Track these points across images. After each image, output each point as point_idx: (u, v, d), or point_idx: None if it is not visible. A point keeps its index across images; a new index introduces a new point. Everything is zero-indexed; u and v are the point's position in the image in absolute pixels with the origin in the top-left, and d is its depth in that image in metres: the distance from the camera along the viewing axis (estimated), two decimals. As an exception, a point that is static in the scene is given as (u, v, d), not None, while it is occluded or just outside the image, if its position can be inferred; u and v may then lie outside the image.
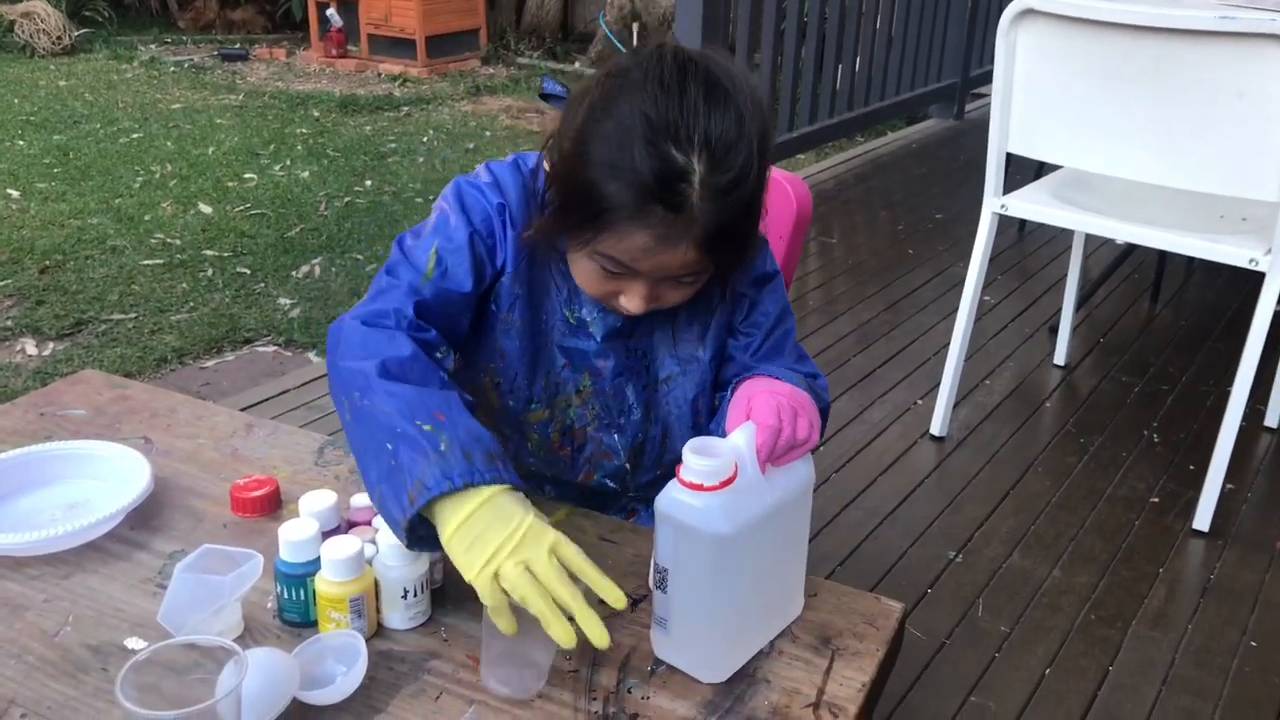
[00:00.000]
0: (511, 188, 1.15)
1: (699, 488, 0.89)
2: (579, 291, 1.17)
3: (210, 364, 3.29)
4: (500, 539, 0.90)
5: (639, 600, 1.05)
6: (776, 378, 1.07)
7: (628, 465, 1.26)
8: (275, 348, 3.40)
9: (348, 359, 1.02)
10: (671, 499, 0.90)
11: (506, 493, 0.93)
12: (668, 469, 1.19)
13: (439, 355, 1.09)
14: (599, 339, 1.20)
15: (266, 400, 2.70)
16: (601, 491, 1.28)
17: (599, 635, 0.87)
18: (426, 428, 0.94)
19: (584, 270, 1.10)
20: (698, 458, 0.89)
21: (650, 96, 0.99)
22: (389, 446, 0.94)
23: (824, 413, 1.11)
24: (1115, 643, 1.95)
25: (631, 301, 1.08)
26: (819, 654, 1.00)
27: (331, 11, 7.59)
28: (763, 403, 0.98)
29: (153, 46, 7.97)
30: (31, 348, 3.35)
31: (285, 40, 8.33)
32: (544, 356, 1.20)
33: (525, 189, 1.15)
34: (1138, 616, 2.02)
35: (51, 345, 3.36)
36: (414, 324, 1.07)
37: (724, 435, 0.98)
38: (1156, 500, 2.40)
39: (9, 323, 3.47)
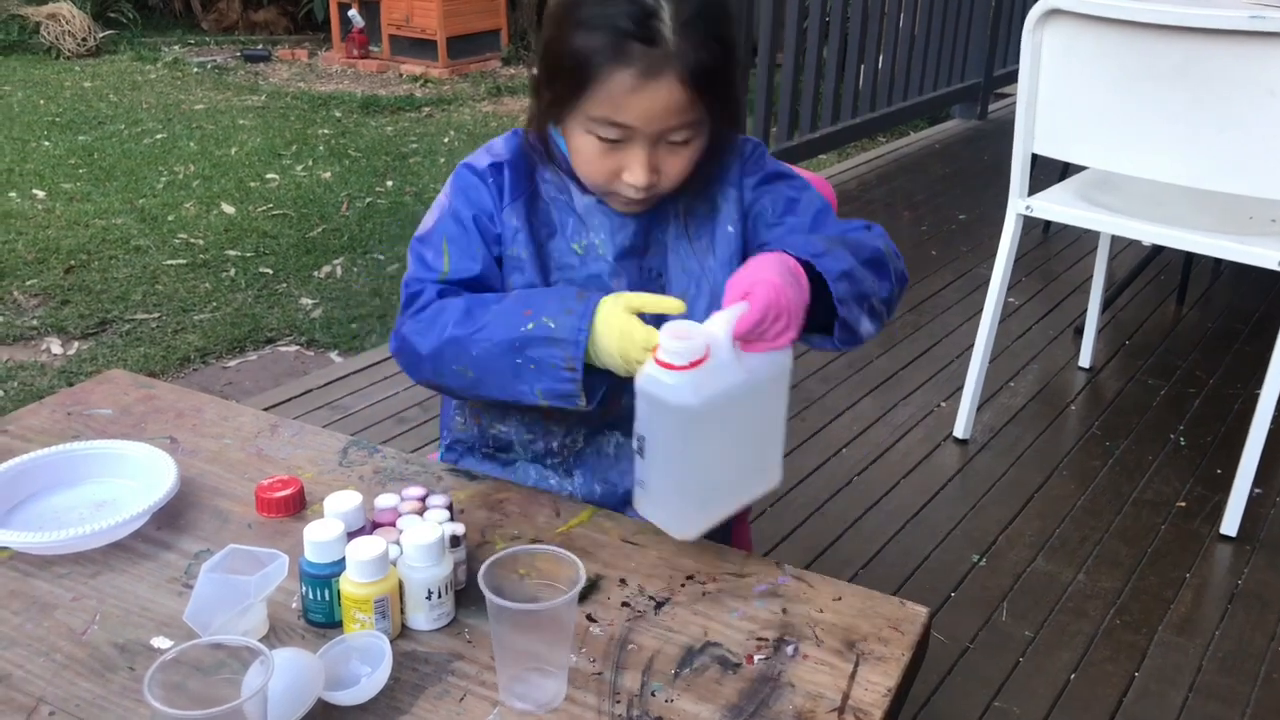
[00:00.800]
0: (504, 146, 1.24)
1: (670, 366, 0.99)
2: (584, 222, 1.22)
3: (233, 364, 3.31)
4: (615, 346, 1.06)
5: (662, 603, 1.05)
6: (792, 251, 1.10)
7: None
8: (297, 347, 3.42)
9: (433, 342, 1.14)
10: (647, 376, 1.01)
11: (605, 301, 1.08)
12: None
13: None
14: (611, 258, 1.22)
15: (289, 400, 2.71)
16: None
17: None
18: (530, 326, 1.09)
19: (584, 151, 1.15)
20: (672, 340, 0.98)
21: None
22: (518, 362, 1.09)
23: (877, 263, 1.18)
24: (1141, 648, 1.93)
25: (634, 173, 1.13)
26: (844, 658, 0.99)
27: (353, 13, 7.62)
28: (760, 293, 1.03)
29: (176, 47, 8.03)
30: (57, 347, 3.37)
31: (307, 41, 8.37)
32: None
33: (520, 138, 1.24)
34: (1164, 622, 2.00)
35: (76, 344, 3.39)
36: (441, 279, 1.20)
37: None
38: (1183, 504, 2.38)
39: (35, 322, 3.49)
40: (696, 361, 0.98)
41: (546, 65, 1.15)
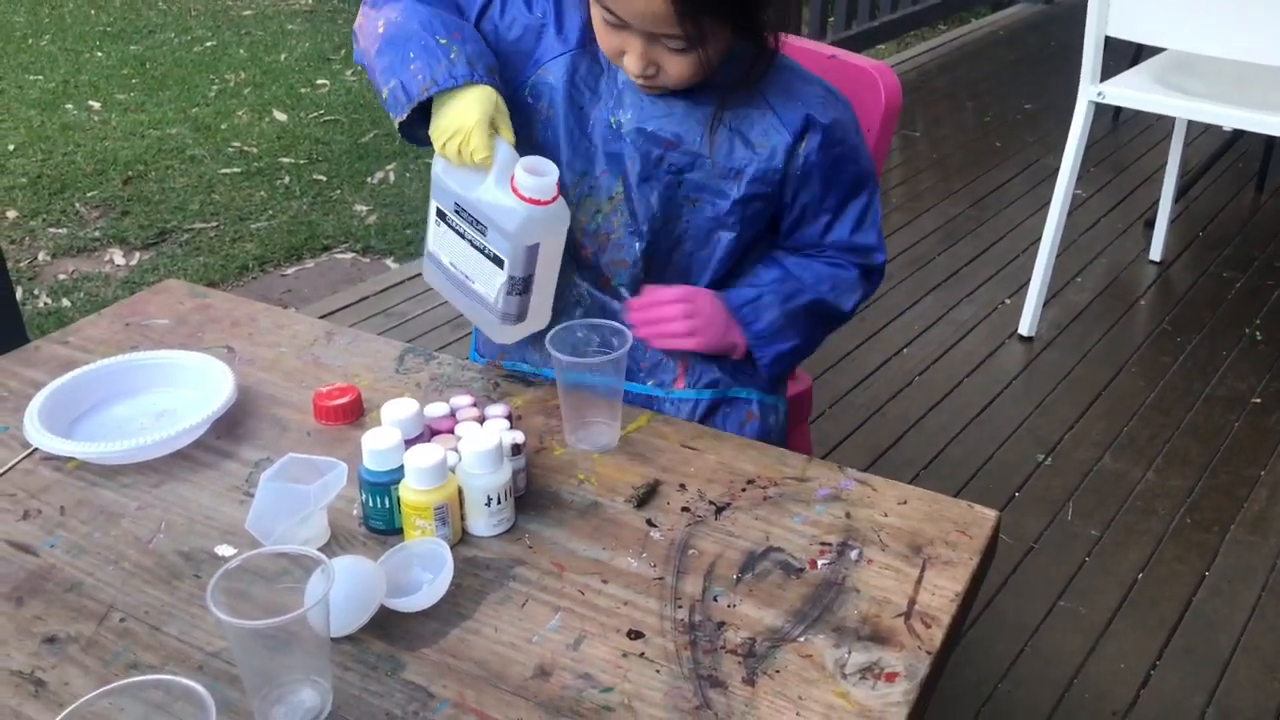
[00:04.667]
0: None
1: (524, 199, 1.11)
2: (624, 94, 1.20)
3: (290, 271, 3.32)
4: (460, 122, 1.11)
5: (723, 508, 1.03)
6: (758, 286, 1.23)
7: (642, 275, 1.26)
8: (353, 254, 3.42)
9: (384, 7, 1.21)
10: (504, 205, 1.12)
11: (487, 89, 1.13)
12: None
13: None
14: (638, 138, 1.20)
15: (346, 307, 2.72)
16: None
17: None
18: (443, 41, 1.13)
19: (596, 27, 1.15)
20: (529, 176, 1.11)
21: None
22: (410, 54, 1.14)
23: (834, 316, 1.28)
24: (1212, 547, 1.89)
25: (630, 61, 1.12)
26: (910, 563, 0.97)
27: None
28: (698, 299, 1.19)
29: (222, -48, 7.92)
30: (119, 257, 3.41)
31: (352, -59, 8.22)
32: (586, 159, 1.22)
33: None
34: (1237, 521, 1.96)
35: (138, 255, 3.43)
36: None
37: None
38: (1258, 401, 2.31)
39: (97, 233, 3.53)
40: (548, 198, 1.12)
41: None
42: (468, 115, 1.11)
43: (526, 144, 1.20)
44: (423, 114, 1.15)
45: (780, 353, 1.25)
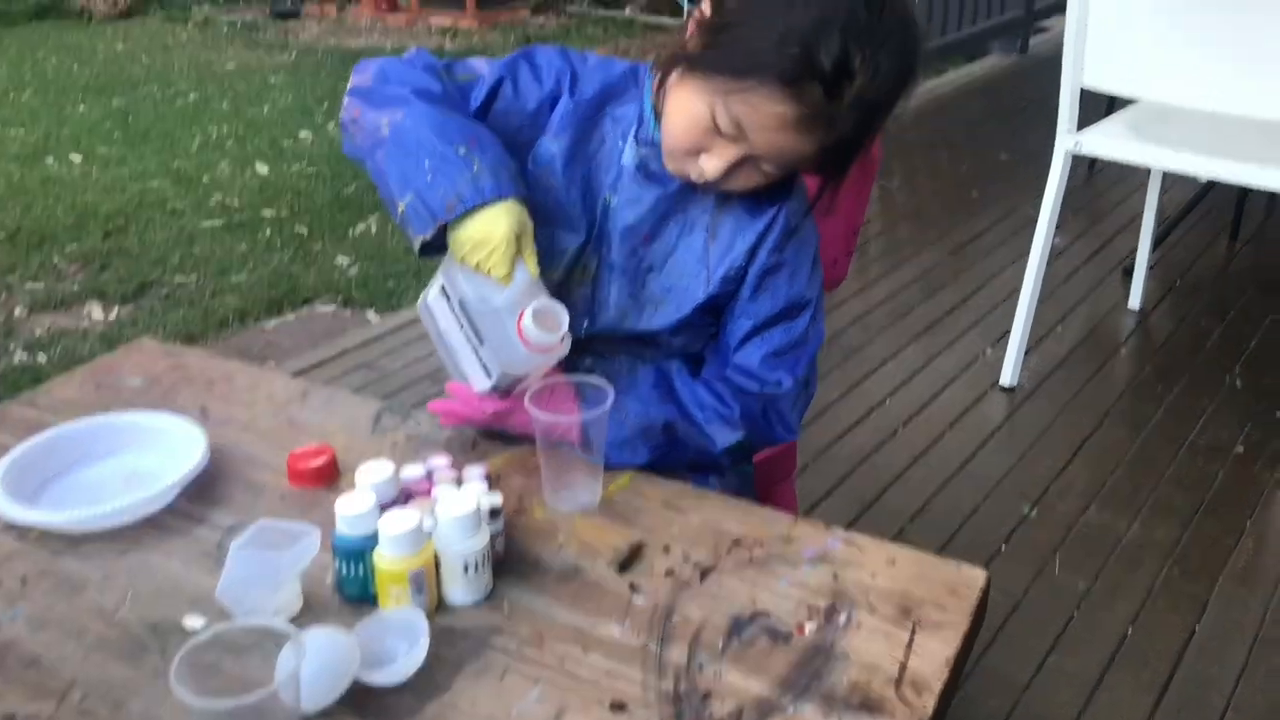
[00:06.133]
0: (588, 62, 1.21)
1: (528, 344, 1.08)
2: (621, 178, 1.17)
3: (271, 325, 3.29)
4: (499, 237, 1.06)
5: (708, 570, 1.01)
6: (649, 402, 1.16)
7: (582, 336, 1.21)
8: (334, 307, 3.40)
9: (387, 85, 1.14)
10: (510, 338, 1.09)
11: (517, 204, 1.08)
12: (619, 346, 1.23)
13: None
14: (620, 226, 1.18)
15: (326, 362, 2.70)
16: None
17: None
18: (462, 151, 1.06)
19: (690, 115, 1.08)
20: (539, 330, 1.07)
21: None
22: (426, 164, 1.07)
23: (700, 449, 1.18)
24: (1201, 600, 1.88)
25: (712, 163, 1.08)
26: (899, 625, 0.95)
27: (381, -35, 7.52)
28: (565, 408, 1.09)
29: (206, 6, 7.98)
30: (98, 312, 3.38)
31: (335, -4, 8.28)
32: (574, 230, 1.19)
33: (607, 65, 1.21)
34: (1224, 572, 1.94)
35: (117, 309, 3.39)
36: (444, 72, 1.18)
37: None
38: (1241, 450, 2.31)
39: (76, 287, 3.50)
40: (548, 348, 1.08)
41: (722, 18, 1.06)
42: (493, 231, 1.06)
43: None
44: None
45: (622, 462, 1.15)
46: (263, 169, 4.57)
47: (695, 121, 1.07)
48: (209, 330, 3.24)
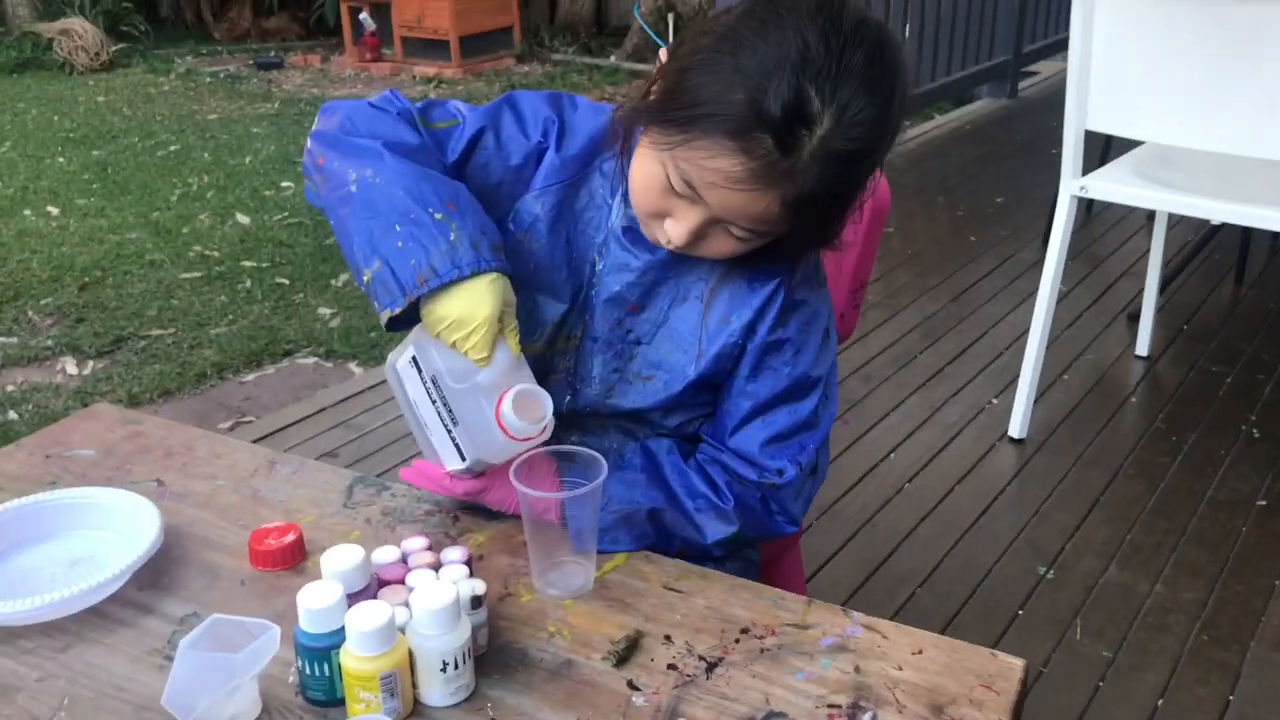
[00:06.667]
0: (577, 109, 1.10)
1: (506, 433, 0.98)
2: (609, 242, 1.07)
3: (250, 378, 3.19)
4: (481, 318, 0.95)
5: (714, 664, 0.90)
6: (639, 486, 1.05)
7: (564, 411, 1.11)
8: (316, 359, 3.30)
9: (355, 135, 1.02)
10: (487, 422, 0.98)
11: (501, 279, 0.96)
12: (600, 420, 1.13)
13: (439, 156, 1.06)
14: (604, 294, 1.07)
15: (304, 420, 2.59)
16: None
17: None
18: (438, 216, 0.95)
19: (646, 176, 0.97)
20: (519, 419, 0.97)
21: (818, 32, 0.89)
22: (397, 228, 0.95)
23: (687, 540, 1.07)
24: (1234, 667, 1.77)
25: (676, 229, 0.97)
26: (932, 727, 0.84)
27: (364, 16, 7.50)
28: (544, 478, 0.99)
29: (189, 58, 7.95)
30: (72, 367, 3.27)
31: (319, 46, 8.27)
32: (558, 295, 1.07)
33: (597, 112, 1.09)
34: (1256, 637, 1.84)
35: (91, 364, 3.29)
36: (418, 118, 1.07)
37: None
38: (1264, 503, 2.21)
39: (50, 342, 3.40)
40: (529, 438, 0.98)
41: (679, 70, 0.93)
42: (474, 312, 0.94)
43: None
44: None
45: (603, 550, 1.03)
46: (244, 219, 4.49)
47: (651, 182, 0.96)
48: (186, 385, 3.13)
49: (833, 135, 0.89)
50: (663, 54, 1.00)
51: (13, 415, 2.94)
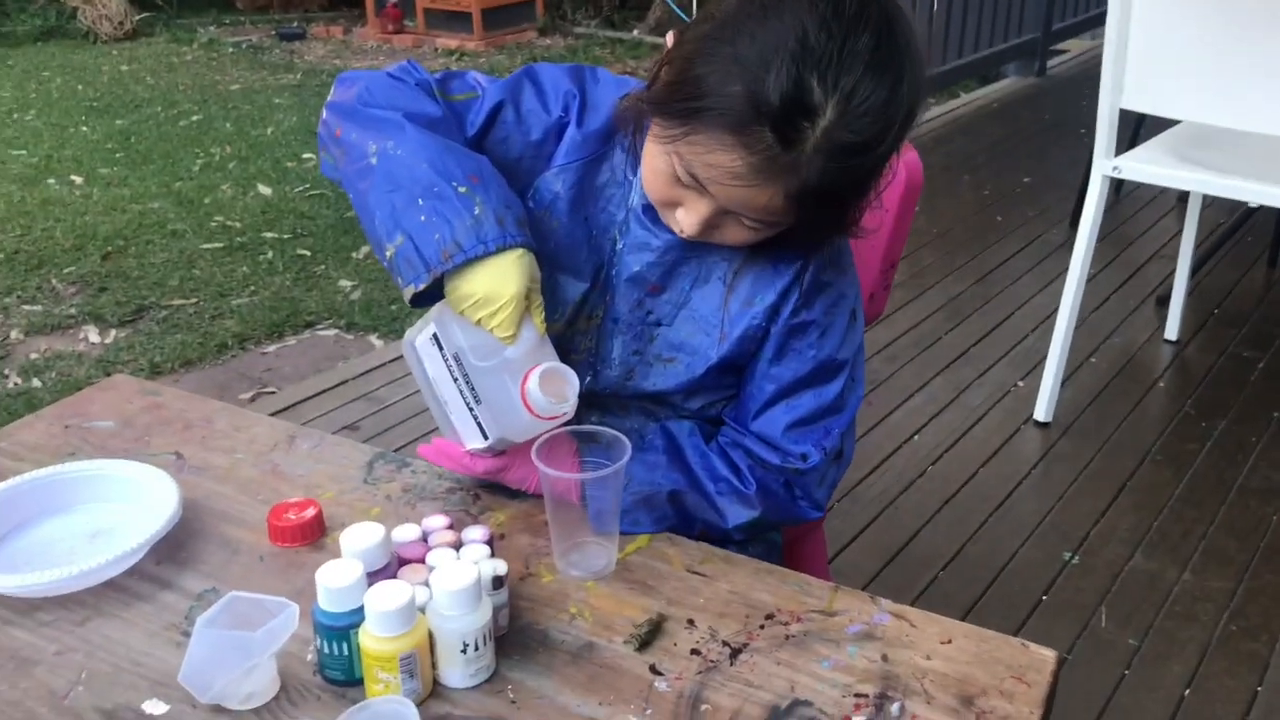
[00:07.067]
0: (599, 82, 1.07)
1: (531, 411, 0.97)
2: (629, 220, 1.05)
3: (271, 349, 3.19)
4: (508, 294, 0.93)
5: (739, 649, 0.89)
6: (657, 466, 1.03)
7: (583, 392, 1.07)
8: (337, 331, 3.29)
9: (374, 106, 1.00)
10: (513, 402, 0.97)
11: (527, 255, 0.94)
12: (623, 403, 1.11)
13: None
14: (625, 274, 1.05)
15: (325, 391, 2.58)
16: None
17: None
18: (462, 189, 0.93)
19: (654, 168, 0.95)
20: (546, 400, 0.96)
21: (818, 17, 0.85)
22: (420, 202, 0.93)
23: (709, 523, 1.05)
24: (1262, 658, 1.74)
25: (687, 219, 0.95)
26: (961, 718, 0.82)
27: (388, -14, 7.46)
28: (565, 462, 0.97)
29: (211, 28, 7.93)
30: (94, 335, 3.28)
31: (342, 18, 8.22)
32: (579, 274, 1.05)
33: (620, 85, 1.06)
34: (1285, 627, 1.81)
35: (114, 333, 3.29)
36: (437, 89, 1.04)
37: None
38: (1295, 492, 2.18)
39: (73, 310, 3.40)
40: (554, 416, 0.97)
41: (681, 62, 0.90)
42: (501, 289, 0.92)
43: None
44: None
45: (623, 531, 1.01)
46: (265, 190, 4.48)
47: (659, 172, 0.94)
48: (207, 355, 3.14)
49: (837, 126, 0.85)
50: (669, 37, 0.97)
51: (36, 383, 2.95)
